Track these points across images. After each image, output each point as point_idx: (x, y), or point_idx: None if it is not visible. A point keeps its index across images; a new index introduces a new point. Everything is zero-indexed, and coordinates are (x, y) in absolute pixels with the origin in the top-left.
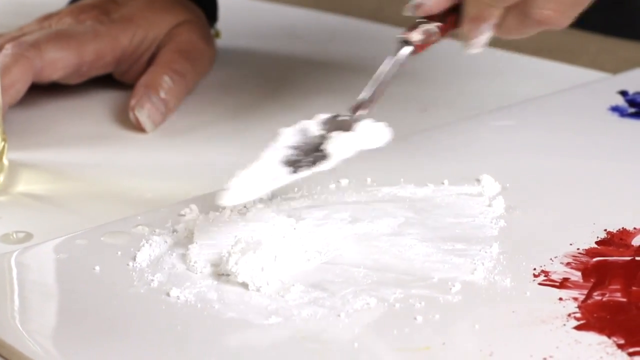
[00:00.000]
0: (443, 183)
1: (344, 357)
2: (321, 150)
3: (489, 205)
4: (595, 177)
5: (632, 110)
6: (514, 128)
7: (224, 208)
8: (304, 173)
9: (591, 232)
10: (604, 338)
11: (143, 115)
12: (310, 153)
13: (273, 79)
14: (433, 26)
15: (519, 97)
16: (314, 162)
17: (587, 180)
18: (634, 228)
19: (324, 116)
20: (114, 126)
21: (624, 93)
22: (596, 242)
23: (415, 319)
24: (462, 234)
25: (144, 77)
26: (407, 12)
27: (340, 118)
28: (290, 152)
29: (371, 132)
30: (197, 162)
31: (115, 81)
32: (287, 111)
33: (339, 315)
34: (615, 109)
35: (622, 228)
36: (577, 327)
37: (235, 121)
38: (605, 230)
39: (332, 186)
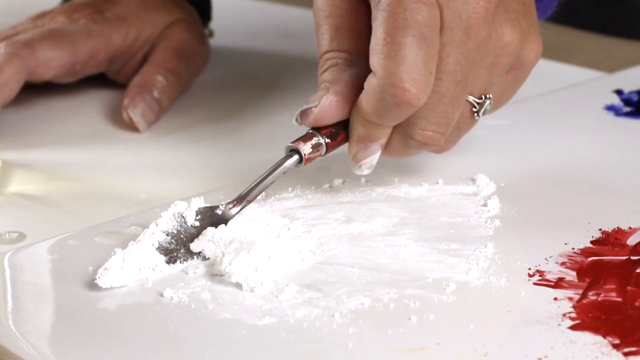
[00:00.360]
0: (437, 182)
1: (338, 358)
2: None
3: (484, 205)
4: (591, 177)
5: (627, 109)
6: (509, 127)
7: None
8: (179, 266)
9: (586, 231)
10: (599, 338)
11: (136, 114)
12: (185, 244)
13: (267, 78)
14: (323, 141)
15: (515, 97)
16: (188, 256)
17: (582, 179)
18: (629, 228)
19: (201, 206)
20: (107, 126)
21: (619, 92)
22: (591, 242)
23: (409, 319)
24: (457, 233)
25: (137, 77)
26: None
27: (216, 211)
28: (165, 238)
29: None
30: (191, 161)
31: (108, 80)
32: (281, 111)
33: (333, 316)
34: (610, 108)
35: (618, 227)
36: (572, 327)
37: (229, 120)
38: (601, 229)
39: (326, 186)
